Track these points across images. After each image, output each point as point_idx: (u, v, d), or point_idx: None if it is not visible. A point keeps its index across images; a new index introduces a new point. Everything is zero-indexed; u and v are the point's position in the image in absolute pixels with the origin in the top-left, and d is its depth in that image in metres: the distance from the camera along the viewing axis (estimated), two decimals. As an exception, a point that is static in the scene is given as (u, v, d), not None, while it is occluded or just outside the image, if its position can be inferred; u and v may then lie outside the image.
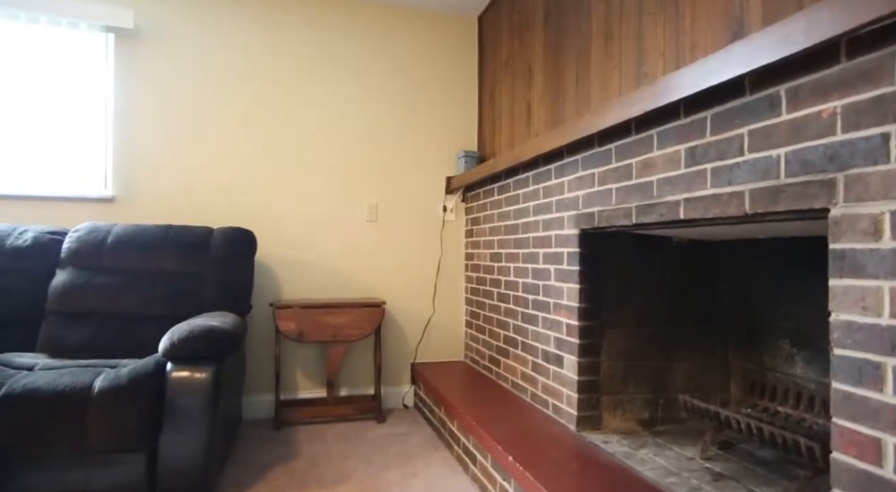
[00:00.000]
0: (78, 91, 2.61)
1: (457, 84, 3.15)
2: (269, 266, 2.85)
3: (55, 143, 2.58)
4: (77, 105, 2.61)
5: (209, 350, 1.80)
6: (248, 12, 2.84)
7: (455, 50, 3.15)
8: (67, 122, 2.60)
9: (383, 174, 3.03)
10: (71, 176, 2.60)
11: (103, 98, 2.64)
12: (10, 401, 1.59)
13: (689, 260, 2.00)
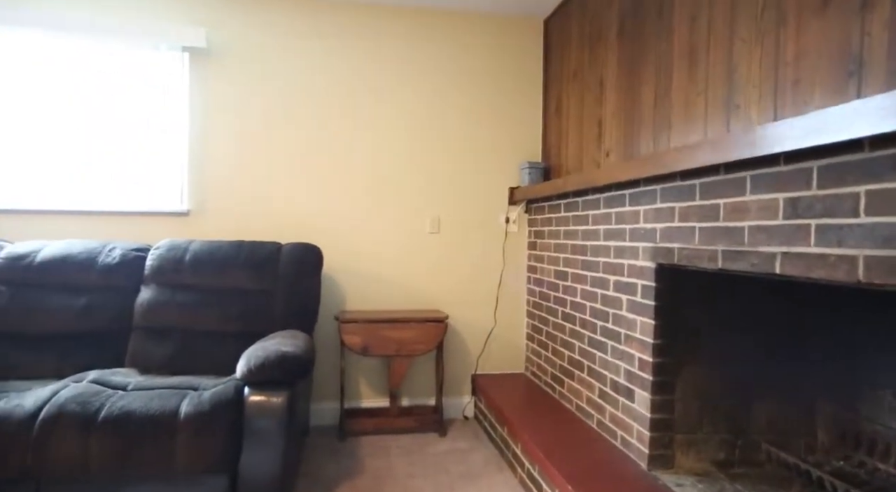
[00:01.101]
0: (159, 110, 2.72)
1: (520, 91, 3.07)
2: (333, 277, 2.91)
3: (138, 160, 2.71)
4: (158, 123, 2.72)
5: (283, 376, 1.86)
6: (315, 30, 2.85)
7: (519, 54, 3.07)
8: (149, 140, 2.72)
9: (446, 186, 3.01)
10: (151, 192, 2.72)
11: (182, 115, 2.74)
12: (109, 423, 1.71)
13: (778, 295, 1.89)
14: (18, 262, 2.25)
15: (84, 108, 2.66)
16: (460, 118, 3.02)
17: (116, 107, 2.68)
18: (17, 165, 2.60)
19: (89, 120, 2.66)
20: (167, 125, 2.73)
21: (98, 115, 2.67)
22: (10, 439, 1.66)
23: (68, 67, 2.63)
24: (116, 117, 2.68)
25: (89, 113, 2.66)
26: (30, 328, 2.18)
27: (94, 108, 2.66)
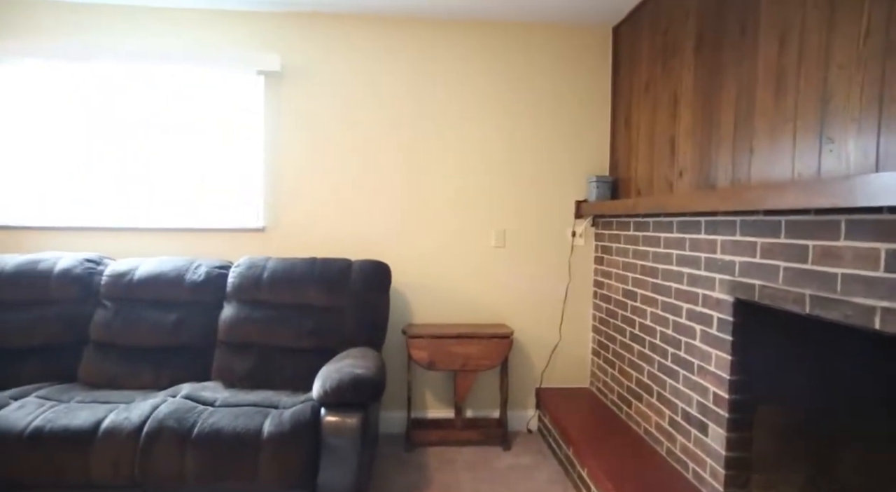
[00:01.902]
0: (237, 131, 2.87)
1: (587, 102, 3.00)
2: (400, 291, 2.98)
3: (219, 180, 2.87)
4: (237, 144, 2.87)
5: (357, 399, 1.94)
6: (381, 49, 2.90)
7: (586, 64, 2.99)
8: (229, 160, 2.87)
9: (511, 199, 3.00)
10: (231, 209, 2.89)
11: (258, 136, 2.88)
12: (202, 439, 1.85)
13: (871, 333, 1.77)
14: (120, 279, 2.46)
15: (170, 132, 2.84)
16: (526, 131, 2.99)
17: (199, 129, 2.85)
18: (114, 186, 2.82)
19: (175, 142, 2.84)
20: (245, 146, 2.88)
21: (183, 137, 2.85)
22: (121, 450, 1.83)
23: (155, 94, 2.82)
24: (200, 139, 2.85)
25: (175, 136, 2.84)
26: (129, 341, 2.38)
27: (180, 131, 2.84)
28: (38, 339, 2.36)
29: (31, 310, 2.39)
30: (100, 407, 2.00)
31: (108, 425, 1.89)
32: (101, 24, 2.77)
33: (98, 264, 2.55)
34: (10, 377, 2.29)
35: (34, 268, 2.44)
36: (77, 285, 2.45)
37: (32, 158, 2.78)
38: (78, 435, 1.85)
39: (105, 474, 1.84)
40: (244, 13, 2.83)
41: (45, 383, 2.30)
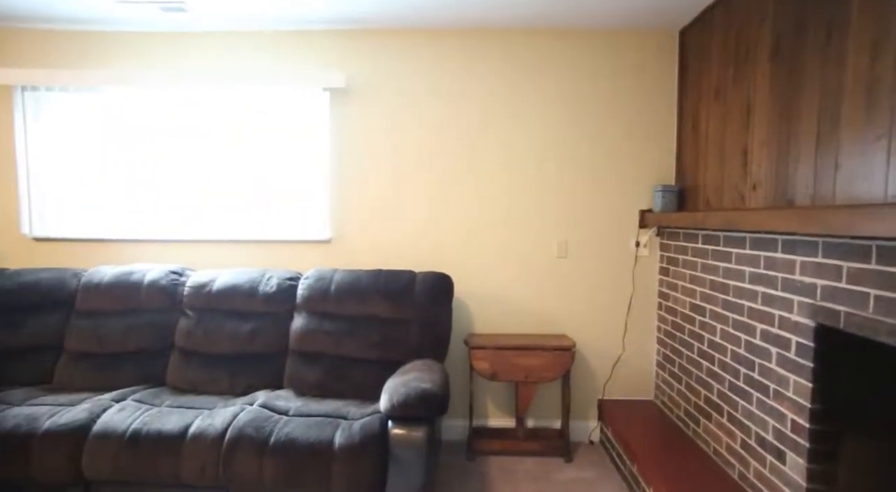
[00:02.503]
0: (304, 145, 2.99)
1: (652, 108, 2.92)
2: (462, 300, 3.02)
3: (288, 193, 3.00)
4: (304, 158, 2.99)
5: (423, 413, 2.00)
6: (442, 61, 2.93)
7: (651, 69, 2.90)
8: (297, 174, 3.00)
9: (573, 209, 2.97)
10: (299, 222, 3.01)
11: (324, 150, 2.98)
12: (278, 448, 1.96)
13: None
14: (200, 290, 2.63)
15: (243, 149, 3.00)
16: (588, 139, 2.95)
17: (269, 145, 2.99)
18: (195, 201, 3.01)
19: (248, 159, 3.00)
20: (312, 160, 2.99)
21: (255, 153, 2.99)
22: (207, 454, 1.98)
23: (229, 114, 2.98)
24: (270, 155, 2.99)
25: (248, 153, 3.00)
26: (209, 349, 2.55)
27: (252, 148, 2.99)
28: (131, 345, 2.56)
29: (125, 318, 2.60)
30: (187, 412, 2.16)
31: (195, 430, 2.03)
32: (181, 50, 2.96)
33: (181, 276, 2.74)
34: (110, 379, 2.51)
35: (128, 279, 2.65)
36: (163, 296, 2.64)
37: (124, 178, 3.01)
38: (170, 439, 2.01)
39: (193, 475, 1.99)
40: (310, 32, 2.94)
41: (138, 385, 2.50)
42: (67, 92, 2.98)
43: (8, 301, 2.59)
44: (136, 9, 2.65)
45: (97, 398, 2.28)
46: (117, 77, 2.87)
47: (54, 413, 2.13)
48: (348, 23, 2.84)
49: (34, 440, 2.02)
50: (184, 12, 2.68)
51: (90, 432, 2.05)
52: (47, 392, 2.42)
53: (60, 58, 2.99)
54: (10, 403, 2.24)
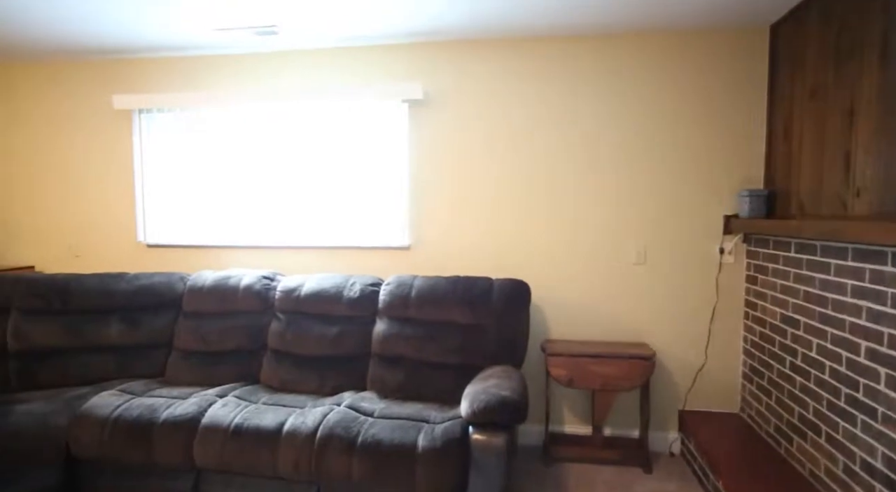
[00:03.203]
0: (384, 155, 3.11)
1: (737, 108, 2.79)
2: (538, 305, 3.03)
3: (368, 201, 3.14)
4: (384, 167, 3.12)
5: (503, 420, 2.04)
6: (516, 69, 2.95)
7: (737, 67, 2.78)
8: (376, 182, 3.13)
9: (653, 214, 2.90)
10: (380, 228, 3.14)
11: (402, 159, 3.09)
12: (365, 448, 2.08)
13: None
14: (290, 294, 2.82)
15: (326, 159, 3.16)
16: (668, 142, 2.87)
17: (351, 155, 3.14)
18: (282, 210, 3.22)
19: (330, 169, 3.16)
20: (391, 169, 3.11)
21: (337, 163, 3.15)
22: (300, 451, 2.13)
23: (312, 126, 3.15)
24: (351, 165, 3.14)
25: (330, 163, 3.16)
26: (298, 350, 2.72)
27: (334, 158, 3.15)
28: (230, 344, 2.79)
29: (224, 319, 2.84)
30: (281, 410, 2.33)
31: (290, 427, 2.19)
32: (272, 69, 3.17)
33: (272, 280, 2.94)
34: (212, 375, 2.74)
35: (226, 283, 2.89)
36: (257, 299, 2.84)
37: (222, 189, 3.27)
38: (267, 434, 2.18)
39: (288, 469, 2.15)
40: (389, 47, 3.05)
41: (237, 382, 2.71)
42: (174, 112, 3.27)
43: (129, 302, 2.89)
44: (233, 34, 2.87)
45: (203, 393, 2.51)
46: (216, 97, 3.11)
47: (169, 405, 2.37)
48: (425, 36, 2.93)
49: (154, 429, 2.26)
50: (275, 35, 2.87)
51: (199, 424, 2.26)
52: (162, 385, 2.68)
53: (170, 82, 3.29)
54: (133, 393, 2.52)
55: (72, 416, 2.36)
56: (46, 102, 3.46)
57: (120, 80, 3.35)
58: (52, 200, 3.50)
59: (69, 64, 3.40)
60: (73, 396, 2.50)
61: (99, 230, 3.44)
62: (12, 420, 2.26)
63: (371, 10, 2.57)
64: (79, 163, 3.44)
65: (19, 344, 2.75)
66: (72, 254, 3.50)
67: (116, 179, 3.38)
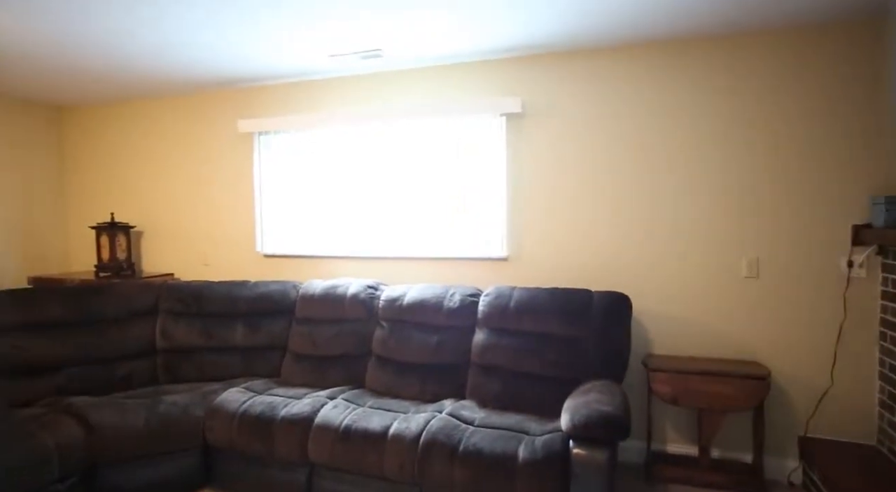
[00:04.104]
0: (481, 168, 3.19)
1: (869, 107, 2.54)
2: (638, 319, 2.94)
3: (465, 213, 3.23)
4: (481, 180, 3.19)
5: (605, 435, 2.02)
6: (615, 80, 2.90)
7: (868, 62, 2.53)
8: (475, 195, 3.21)
9: (766, 224, 2.72)
10: (478, 240, 3.22)
11: (500, 172, 3.15)
12: (466, 455, 2.14)
13: None
14: (393, 303, 2.96)
15: (424, 172, 3.29)
16: (785, 146, 2.67)
17: (450, 168, 3.24)
18: (384, 222, 3.40)
19: (429, 181, 3.29)
20: (488, 181, 3.18)
21: (435, 176, 3.27)
22: (405, 454, 2.24)
23: (411, 140, 3.30)
24: (449, 177, 3.24)
25: (429, 175, 3.28)
26: (401, 357, 2.86)
27: (432, 172, 3.28)
28: (338, 349, 2.99)
29: (332, 326, 3.05)
30: (386, 414, 2.46)
31: (395, 431, 2.31)
32: (376, 89, 3.36)
33: (376, 290, 3.11)
34: (322, 377, 2.96)
35: (334, 292, 3.10)
36: (362, 307, 3.02)
37: (327, 203, 3.52)
38: (374, 436, 2.32)
39: (393, 471, 2.27)
40: (488, 62, 3.13)
41: (344, 385, 2.90)
42: (288, 133, 3.58)
43: (250, 308, 3.20)
44: (341, 59, 3.09)
45: (315, 394, 2.71)
46: (325, 118, 3.37)
47: (286, 404, 2.59)
48: (523, 50, 2.97)
49: (274, 425, 2.48)
50: (380, 58, 3.05)
51: (313, 423, 2.45)
52: (278, 385, 2.94)
53: (285, 106, 3.60)
54: (255, 391, 2.78)
55: (207, 408, 2.65)
56: (182, 130, 3.92)
57: (243, 106, 3.72)
58: (186, 215, 3.95)
59: (201, 95, 3.84)
60: (207, 390, 2.82)
61: (225, 242, 3.83)
62: (162, 409, 2.59)
63: (470, 29, 2.66)
64: (208, 182, 3.85)
65: (165, 342, 3.14)
66: (202, 263, 3.92)
67: (240, 196, 3.75)
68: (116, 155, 4.17)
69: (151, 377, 3.10)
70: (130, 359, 3.08)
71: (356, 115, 3.30)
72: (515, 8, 2.39)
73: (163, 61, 3.10)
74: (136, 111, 4.09)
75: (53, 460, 2.27)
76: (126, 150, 4.14)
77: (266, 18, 2.50)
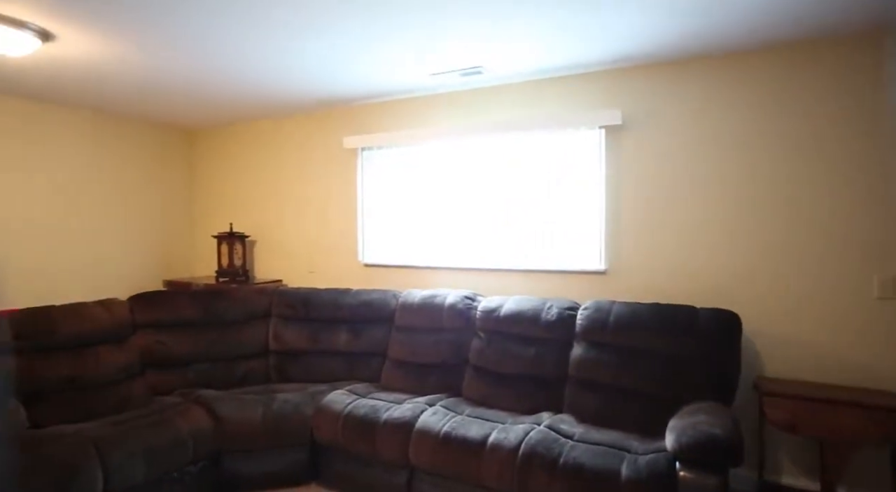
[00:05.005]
0: (578, 180, 3.17)
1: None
2: (748, 338, 2.77)
3: (562, 226, 3.22)
4: (578, 192, 3.17)
5: (714, 460, 1.93)
6: (715, 91, 2.78)
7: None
8: (571, 208, 3.20)
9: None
10: (575, 253, 3.19)
11: (598, 184, 3.11)
12: (566, 469, 2.13)
13: None
14: (490, 314, 3.01)
15: (520, 185, 3.33)
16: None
17: (545, 181, 3.25)
18: (479, 234, 3.47)
19: (525, 194, 3.31)
20: (585, 194, 3.15)
21: (531, 189, 3.29)
22: (503, 463, 2.27)
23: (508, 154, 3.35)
24: (545, 190, 3.25)
25: (525, 188, 3.31)
26: (497, 368, 2.89)
27: (528, 184, 3.30)
28: (436, 357, 3.08)
29: (431, 334, 3.15)
30: (484, 424, 2.50)
31: (493, 441, 2.35)
32: (475, 104, 3.46)
33: (473, 301, 3.17)
34: (420, 384, 3.06)
35: (432, 301, 3.20)
36: (460, 318, 3.10)
37: (425, 215, 3.65)
38: (473, 444, 2.37)
39: (492, 479, 2.30)
40: (586, 75, 3.12)
41: (440, 393, 2.98)
42: (389, 148, 3.76)
43: (353, 315, 3.39)
44: (442, 77, 3.22)
45: (414, 400, 2.81)
46: (424, 133, 3.51)
47: (388, 408, 2.71)
48: (623, 61, 2.93)
49: (377, 427, 2.61)
50: (480, 75, 3.14)
51: (414, 428, 2.54)
52: (378, 389, 3.07)
53: (387, 122, 3.80)
54: (358, 394, 2.93)
55: (315, 407, 2.84)
56: (293, 147, 4.25)
57: (348, 123, 3.96)
58: (294, 225, 4.26)
59: (311, 115, 4.14)
60: (314, 390, 3.01)
61: (328, 251, 4.09)
62: (276, 406, 2.81)
63: (569, 44, 2.67)
64: (315, 195, 4.14)
65: (277, 344, 3.40)
66: (307, 271, 4.20)
67: (343, 208, 3.99)
68: (236, 171, 4.60)
69: (264, 376, 3.36)
70: (247, 358, 3.36)
71: (454, 129, 3.42)
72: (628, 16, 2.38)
73: (280, 86, 3.40)
74: (253, 131, 4.49)
75: (189, 445, 2.54)
76: (244, 166, 4.55)
77: (378, 48, 2.68)
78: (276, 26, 2.43)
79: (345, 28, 2.45)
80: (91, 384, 2.75)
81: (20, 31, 2.33)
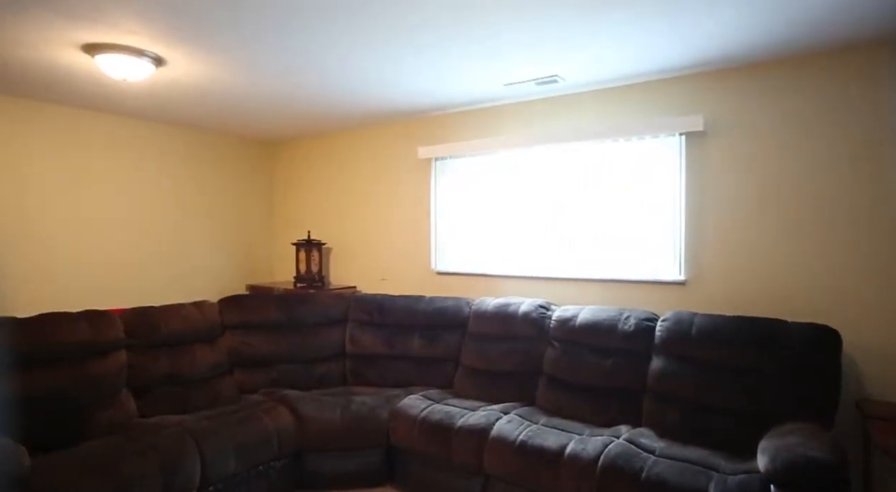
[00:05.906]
0: (657, 188, 3.09)
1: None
2: (849, 356, 2.58)
3: (640, 235, 3.14)
4: (656, 200, 3.09)
5: (813, 484, 1.81)
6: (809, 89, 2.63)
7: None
8: (649, 216, 3.11)
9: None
10: (651, 263, 3.10)
11: (676, 192, 3.02)
12: (648, 484, 2.07)
13: None
14: (565, 324, 2.98)
15: (597, 193, 3.28)
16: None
17: (622, 189, 3.19)
18: (554, 242, 3.44)
19: (601, 202, 3.26)
20: (664, 202, 3.06)
21: (608, 197, 3.24)
22: (581, 475, 2.23)
23: (585, 162, 3.31)
24: (623, 198, 3.19)
25: (601, 196, 3.26)
26: (572, 378, 2.85)
27: (605, 192, 3.25)
28: (509, 365, 3.08)
29: (504, 342, 3.15)
30: (561, 434, 2.47)
31: (571, 451, 2.32)
32: (551, 113, 3.46)
33: (547, 310, 3.15)
34: (493, 392, 3.06)
35: (505, 310, 3.21)
36: (534, 326, 3.08)
37: (498, 223, 3.67)
38: (550, 454, 2.35)
39: (569, 490, 2.27)
40: (665, 81, 3.04)
41: (514, 401, 2.97)
42: (463, 157, 3.82)
43: (426, 321, 3.45)
44: (517, 87, 3.24)
45: (489, 408, 2.82)
46: (499, 142, 3.55)
47: (463, 415, 2.73)
48: (702, 66, 2.84)
49: (452, 432, 2.64)
50: (556, 83, 3.14)
51: (489, 435, 2.55)
52: (451, 395, 3.11)
53: (460, 132, 3.87)
54: (432, 399, 2.98)
55: (391, 410, 2.91)
56: (368, 157, 4.41)
57: (422, 134, 4.06)
58: (368, 233, 4.40)
59: (386, 126, 4.28)
60: (390, 394, 3.09)
61: (401, 258, 4.19)
62: (354, 408, 2.91)
63: (654, 48, 2.62)
64: (389, 204, 4.26)
65: (353, 348, 3.52)
66: (379, 278, 4.33)
67: (416, 217, 4.09)
68: (313, 181, 4.82)
69: (341, 378, 3.48)
70: (325, 361, 3.50)
71: (528, 138, 3.43)
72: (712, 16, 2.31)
73: (358, 99, 3.55)
74: (330, 143, 4.69)
75: (274, 442, 2.68)
76: (321, 176, 4.76)
77: (455, 60, 2.75)
78: (355, 44, 2.55)
79: (427, 42, 2.53)
80: (188, 380, 2.96)
81: (139, 59, 2.58)
